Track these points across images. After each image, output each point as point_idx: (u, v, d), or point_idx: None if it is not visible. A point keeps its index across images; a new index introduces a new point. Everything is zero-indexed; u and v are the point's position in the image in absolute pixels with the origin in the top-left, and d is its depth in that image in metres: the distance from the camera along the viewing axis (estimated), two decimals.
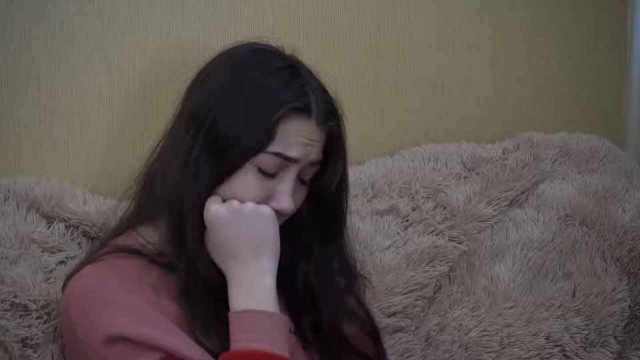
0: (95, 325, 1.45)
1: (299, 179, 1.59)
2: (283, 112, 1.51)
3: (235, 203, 1.51)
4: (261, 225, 1.52)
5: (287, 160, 1.53)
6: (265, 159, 1.52)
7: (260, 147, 1.51)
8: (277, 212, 1.56)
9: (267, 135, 1.51)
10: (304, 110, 1.54)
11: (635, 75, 2.70)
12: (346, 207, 1.66)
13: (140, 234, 1.61)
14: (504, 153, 2.32)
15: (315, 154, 1.57)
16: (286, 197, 1.55)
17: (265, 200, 1.55)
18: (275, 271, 1.53)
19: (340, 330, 1.63)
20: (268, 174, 1.53)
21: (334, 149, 1.60)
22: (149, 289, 1.50)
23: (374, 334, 1.71)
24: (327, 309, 1.60)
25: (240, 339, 1.47)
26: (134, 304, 1.47)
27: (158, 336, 1.45)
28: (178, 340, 1.46)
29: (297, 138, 1.53)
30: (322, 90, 1.59)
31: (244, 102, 1.52)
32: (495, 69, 2.43)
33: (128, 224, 1.63)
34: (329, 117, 1.58)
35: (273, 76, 1.54)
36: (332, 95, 1.61)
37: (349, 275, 1.70)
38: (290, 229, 1.60)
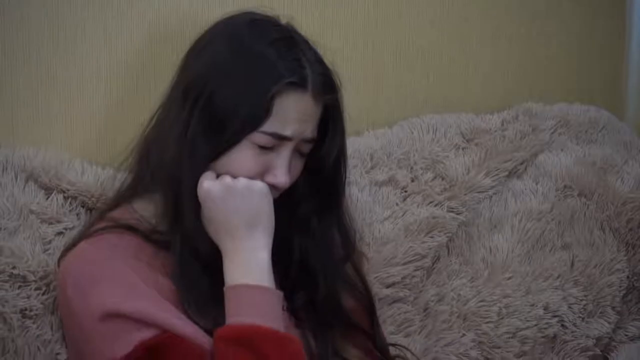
0: (91, 302, 1.46)
1: (297, 152, 1.58)
2: (279, 87, 1.51)
3: (227, 179, 1.51)
4: (255, 201, 1.52)
5: (282, 139, 1.53)
6: (261, 137, 1.52)
7: (257, 123, 1.50)
8: (273, 186, 1.55)
9: (264, 111, 1.50)
10: (300, 85, 1.53)
11: (635, 46, 2.69)
12: (345, 178, 1.66)
13: (136, 209, 1.61)
14: (502, 124, 2.32)
15: (310, 131, 1.56)
16: (282, 171, 1.55)
17: (261, 174, 1.54)
18: (270, 246, 1.53)
19: (337, 302, 1.63)
20: (265, 148, 1.53)
21: (331, 121, 1.60)
22: (144, 266, 1.51)
23: (370, 308, 1.71)
24: (325, 280, 1.60)
25: (236, 313, 1.47)
26: (128, 280, 1.48)
27: (153, 312, 1.45)
28: (172, 316, 1.47)
29: (293, 114, 1.53)
30: (319, 61, 1.58)
31: (240, 74, 1.52)
32: (494, 40, 2.42)
33: (124, 197, 1.63)
34: (326, 90, 1.57)
35: (270, 48, 1.53)
36: (330, 67, 1.60)
37: (348, 246, 1.70)
38: (287, 202, 1.60)
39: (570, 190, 2.28)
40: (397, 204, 2.08)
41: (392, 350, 1.73)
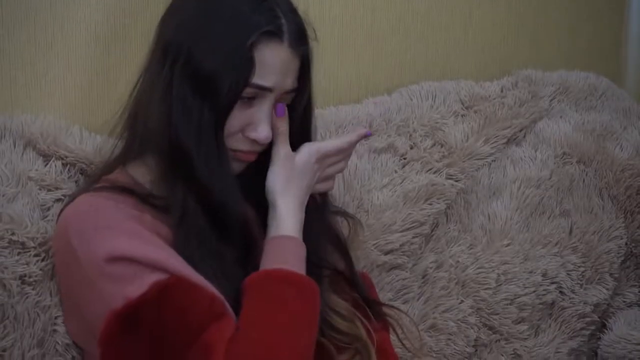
0: (98, 246, 1.44)
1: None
2: (256, 37, 1.50)
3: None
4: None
5: (264, 90, 1.53)
6: (245, 90, 1.52)
7: (247, 76, 1.50)
8: (255, 142, 1.56)
9: (250, 63, 1.50)
10: (276, 35, 1.52)
11: (634, 13, 2.69)
12: (313, 126, 1.66)
13: (130, 173, 1.60)
14: (502, 91, 2.32)
15: (290, 82, 1.56)
16: (265, 126, 1.55)
17: (242, 130, 1.55)
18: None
19: (321, 254, 1.64)
20: (245, 103, 1.53)
21: (305, 73, 1.59)
22: (147, 216, 1.50)
23: (341, 247, 1.72)
24: (309, 236, 1.60)
25: (284, 261, 1.52)
26: (134, 228, 1.47)
27: (162, 259, 1.44)
28: (180, 263, 1.46)
29: (273, 65, 1.52)
30: (293, 11, 1.57)
31: (215, 29, 1.51)
32: (494, 7, 2.42)
33: (118, 161, 1.62)
34: (302, 41, 1.56)
35: (239, 3, 1.53)
36: (303, 16, 1.59)
37: (323, 202, 1.71)
38: (262, 161, 1.61)
39: (569, 157, 2.28)
40: (395, 171, 2.09)
41: (388, 312, 1.73)
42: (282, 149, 1.59)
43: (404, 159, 2.11)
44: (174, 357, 1.43)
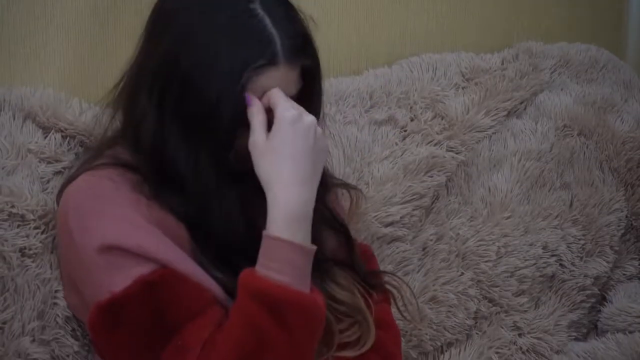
0: (92, 234, 1.45)
1: None
2: (247, 75, 1.44)
3: None
4: None
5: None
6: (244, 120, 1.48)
7: (241, 116, 1.45)
8: None
9: (240, 105, 1.45)
10: (270, 63, 1.46)
11: None
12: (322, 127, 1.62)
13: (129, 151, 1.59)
14: (502, 63, 2.31)
15: (292, 88, 1.51)
16: None
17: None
18: None
19: (320, 243, 1.61)
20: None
21: (310, 75, 1.53)
22: (144, 201, 1.49)
23: (347, 244, 1.68)
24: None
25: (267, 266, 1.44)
26: (129, 214, 1.47)
27: (153, 248, 1.45)
28: (171, 252, 1.46)
29: (270, 87, 1.47)
30: (287, 19, 1.49)
31: (202, 74, 1.45)
32: None
33: (117, 138, 1.61)
34: (298, 53, 1.49)
35: (226, 30, 1.45)
36: (301, 17, 1.52)
37: (323, 187, 1.68)
38: None
39: (570, 130, 2.28)
40: (396, 144, 2.08)
41: (390, 281, 1.72)
42: (258, 137, 1.47)
43: (405, 131, 2.11)
44: (153, 353, 1.44)
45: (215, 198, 1.48)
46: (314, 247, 1.46)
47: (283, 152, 1.45)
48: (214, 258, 1.50)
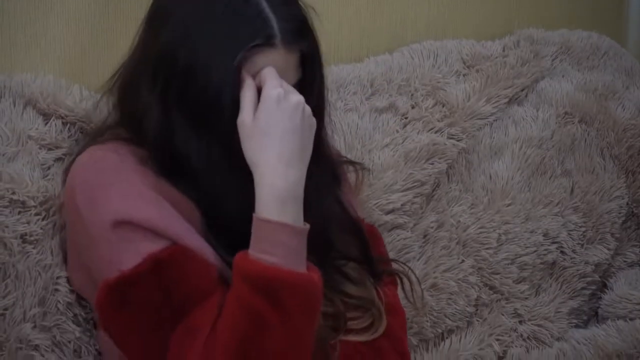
0: (100, 209, 1.44)
1: None
2: (242, 55, 1.44)
3: None
4: None
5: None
6: None
7: (235, 98, 1.45)
8: None
9: (235, 84, 1.45)
10: (266, 43, 1.46)
11: None
12: (325, 117, 1.61)
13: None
14: (504, 50, 2.31)
15: (291, 76, 1.51)
16: None
17: None
18: None
19: (327, 237, 1.60)
20: None
21: (310, 62, 1.53)
22: (151, 173, 1.48)
23: (361, 240, 1.68)
24: (316, 218, 1.55)
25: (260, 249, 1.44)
26: (137, 187, 1.46)
27: (163, 222, 1.44)
28: (180, 226, 1.46)
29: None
30: (285, 4, 1.49)
31: (203, 54, 1.44)
32: None
33: (116, 125, 1.60)
34: (297, 37, 1.49)
35: (224, 16, 1.46)
36: (300, 4, 1.52)
37: (334, 180, 1.67)
38: None
39: (571, 117, 2.28)
40: (397, 131, 2.08)
41: (395, 266, 1.72)
42: (246, 116, 1.45)
43: (405, 118, 2.11)
44: (162, 332, 1.44)
45: (227, 186, 1.48)
46: (306, 227, 1.45)
47: (268, 132, 1.43)
48: (225, 243, 1.49)
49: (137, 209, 1.44)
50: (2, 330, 1.55)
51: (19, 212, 1.61)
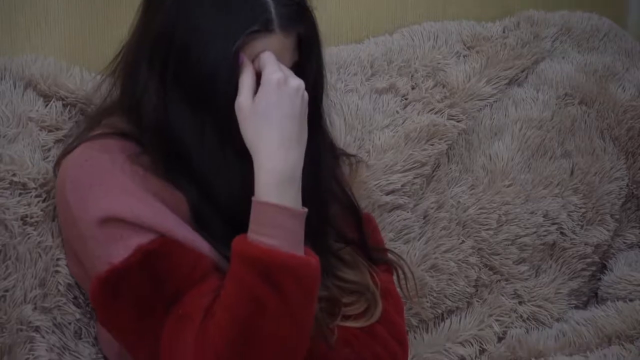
0: (89, 206, 1.46)
1: None
2: (241, 41, 1.44)
3: None
4: None
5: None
6: None
7: (234, 83, 1.45)
8: None
9: (236, 71, 1.45)
10: (264, 29, 1.46)
11: None
12: (323, 98, 1.60)
13: (130, 119, 1.58)
14: (504, 31, 2.31)
15: (288, 59, 1.50)
16: None
17: None
18: None
19: (326, 218, 1.61)
20: None
21: (306, 45, 1.52)
22: (141, 170, 1.48)
23: (357, 221, 1.68)
24: (314, 197, 1.53)
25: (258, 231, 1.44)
26: (125, 185, 1.47)
27: (150, 217, 1.44)
28: (169, 220, 1.46)
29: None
30: None
31: (201, 37, 1.44)
32: None
33: (113, 109, 1.60)
34: (294, 21, 1.49)
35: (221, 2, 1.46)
36: None
37: (332, 160, 1.67)
38: None
39: (571, 99, 2.28)
40: (397, 112, 2.08)
41: (392, 258, 1.72)
42: (244, 99, 1.45)
43: (406, 99, 2.11)
44: (155, 323, 1.44)
45: (220, 169, 1.48)
46: (305, 210, 1.45)
47: (268, 116, 1.43)
48: (215, 232, 1.49)
49: (125, 205, 1.45)
50: (3, 311, 1.55)
51: (20, 194, 1.61)
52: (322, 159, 1.58)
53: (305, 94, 1.47)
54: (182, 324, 1.42)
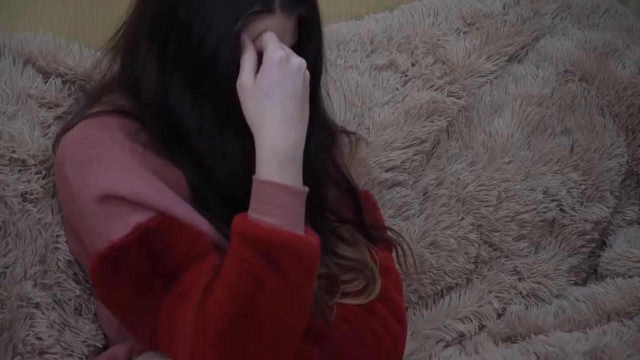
0: (88, 184, 1.46)
1: None
2: (242, 22, 1.44)
3: None
4: None
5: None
6: None
7: (237, 62, 1.45)
8: None
9: (237, 51, 1.45)
10: (266, 10, 1.46)
11: None
12: (322, 76, 1.60)
13: (130, 96, 1.58)
14: (504, 8, 2.30)
15: (288, 39, 1.50)
16: None
17: None
18: None
19: (324, 197, 1.61)
20: None
21: (307, 26, 1.52)
22: (140, 148, 1.49)
23: (354, 200, 1.68)
24: (312, 177, 1.52)
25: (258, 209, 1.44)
26: (125, 162, 1.47)
27: (150, 195, 1.45)
28: (168, 198, 1.46)
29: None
30: None
31: (203, 16, 1.44)
32: None
33: (113, 86, 1.60)
34: (296, 3, 1.49)
35: None
36: None
37: (329, 140, 1.67)
38: None
39: (571, 75, 2.27)
40: (397, 89, 2.08)
41: (391, 236, 1.72)
42: (246, 78, 1.45)
43: (405, 76, 2.10)
44: (154, 300, 1.44)
45: (219, 148, 1.48)
46: (305, 189, 1.45)
47: (270, 94, 1.44)
48: (214, 211, 1.50)
49: (124, 183, 1.45)
50: (3, 288, 1.55)
51: (19, 171, 1.61)
52: (320, 137, 1.58)
53: (307, 72, 1.48)
54: (181, 301, 1.43)
